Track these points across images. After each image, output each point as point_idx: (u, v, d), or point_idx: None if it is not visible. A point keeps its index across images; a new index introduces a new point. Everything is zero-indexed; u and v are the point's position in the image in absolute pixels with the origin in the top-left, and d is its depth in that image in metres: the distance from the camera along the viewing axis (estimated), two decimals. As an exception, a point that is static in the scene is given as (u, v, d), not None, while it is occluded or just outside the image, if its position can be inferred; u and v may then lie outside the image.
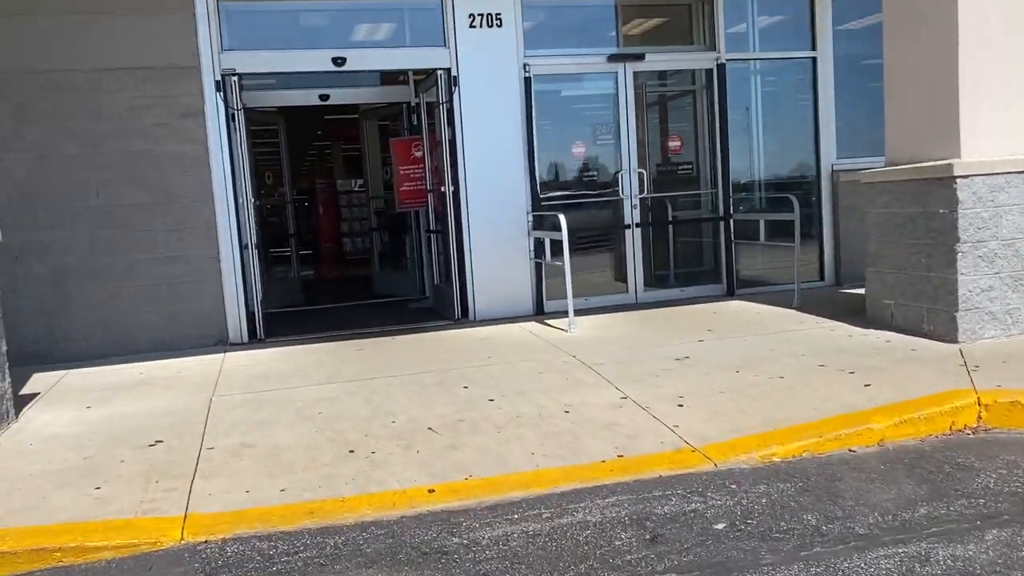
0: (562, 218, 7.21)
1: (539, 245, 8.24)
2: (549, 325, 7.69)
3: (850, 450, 4.37)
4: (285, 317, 9.32)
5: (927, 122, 6.17)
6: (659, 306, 8.36)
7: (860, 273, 8.93)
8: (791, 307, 7.72)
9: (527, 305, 8.33)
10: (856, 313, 7.14)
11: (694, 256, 9.21)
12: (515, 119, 8.16)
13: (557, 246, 7.53)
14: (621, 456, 4.29)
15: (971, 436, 4.51)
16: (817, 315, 7.29)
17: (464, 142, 8.05)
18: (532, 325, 7.76)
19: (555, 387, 5.47)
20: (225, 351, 7.36)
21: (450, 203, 8.15)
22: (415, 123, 10.31)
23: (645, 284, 8.65)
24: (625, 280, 8.63)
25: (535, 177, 8.24)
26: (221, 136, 7.55)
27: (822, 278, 9.11)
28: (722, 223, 8.77)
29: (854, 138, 9.10)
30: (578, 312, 8.11)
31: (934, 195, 5.92)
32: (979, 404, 4.62)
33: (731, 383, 5.32)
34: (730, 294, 8.74)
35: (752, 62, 8.99)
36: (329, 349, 7.20)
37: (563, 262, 7.28)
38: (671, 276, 9.05)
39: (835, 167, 8.96)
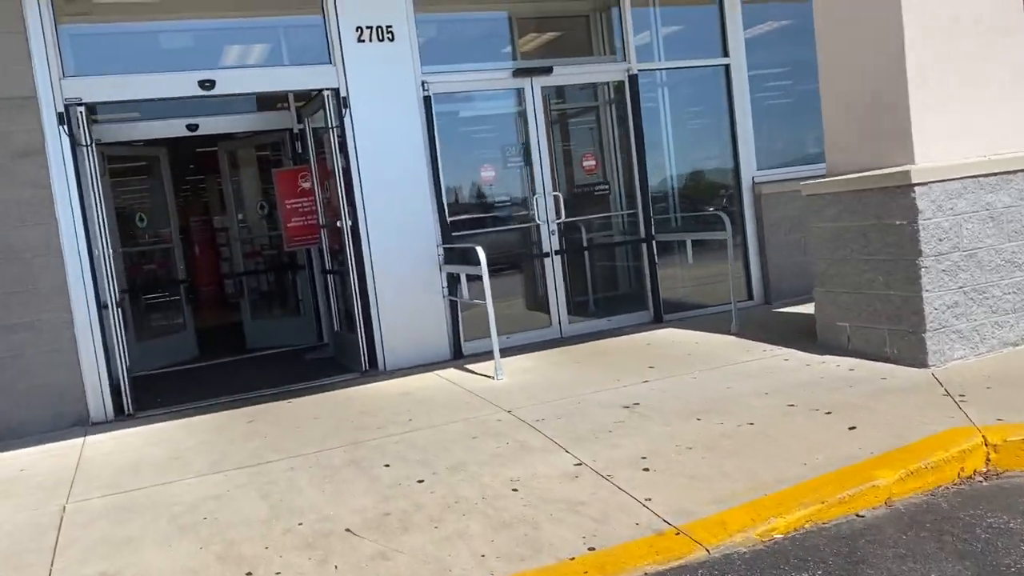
0: (479, 250, 6.37)
1: (452, 281, 7.37)
2: (472, 371, 6.81)
3: (858, 515, 3.69)
4: (160, 381, 8.08)
5: (872, 126, 5.67)
6: (586, 339, 7.62)
7: (790, 290, 8.52)
8: (730, 332, 7.13)
9: (443, 349, 7.43)
10: (803, 336, 6.59)
11: (618, 282, 8.55)
12: (416, 142, 7.29)
13: (473, 280, 6.69)
14: (592, 549, 3.46)
15: (985, 484, 3.91)
16: (762, 341, 6.70)
17: (360, 170, 7.11)
18: (453, 373, 6.86)
19: (495, 456, 4.60)
20: (86, 434, 6.12)
21: (348, 239, 7.18)
22: (299, 151, 9.31)
23: (569, 316, 7.90)
24: (548, 313, 7.85)
25: (443, 205, 7.37)
26: (68, 178, 6.35)
27: (750, 297, 8.60)
28: (644, 245, 8.13)
29: (774, 148, 8.69)
30: (501, 353, 7.29)
31: (890, 205, 5.40)
32: (986, 445, 4.04)
33: (697, 435, 4.59)
34: (658, 321, 8.10)
35: (663, 72, 8.44)
36: (213, 423, 6.08)
37: (484, 299, 6.43)
38: (595, 305, 8.35)
39: (756, 179, 8.49)
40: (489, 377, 6.50)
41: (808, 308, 7.90)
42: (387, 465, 4.65)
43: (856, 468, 3.93)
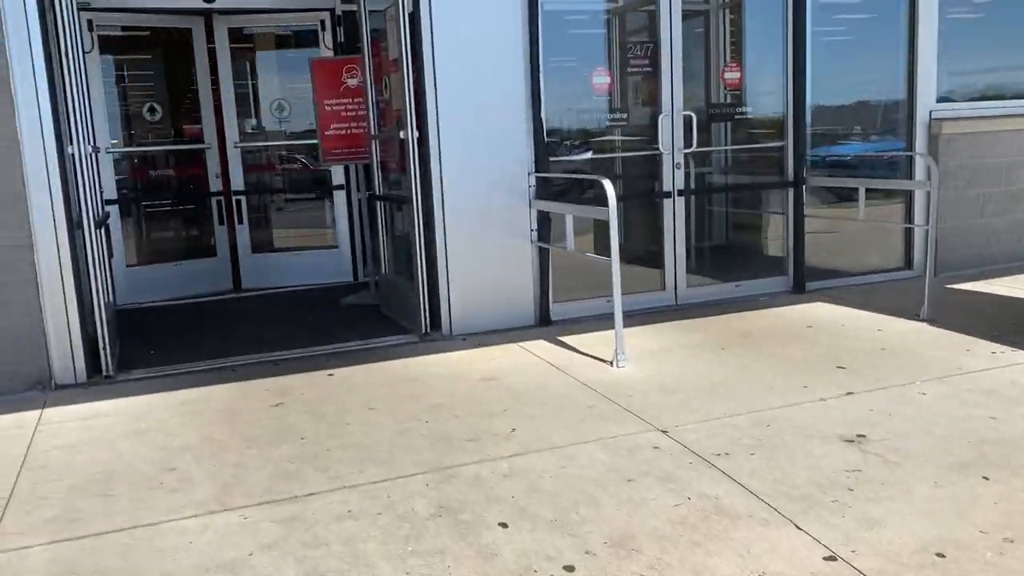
0: (607, 184, 4.51)
1: (545, 221, 5.53)
2: (572, 348, 5.02)
3: None
4: (159, 320, 6.31)
5: None
6: (709, 310, 5.81)
7: (959, 260, 6.67)
8: (918, 317, 5.31)
9: (527, 312, 5.63)
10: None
11: (750, 237, 6.70)
12: (512, 34, 5.34)
13: (580, 226, 4.88)
14: None
15: None
16: (972, 334, 4.90)
17: (436, 65, 5.19)
18: (546, 348, 5.07)
19: (680, 523, 2.84)
20: (44, 405, 4.38)
21: (412, 156, 5.30)
22: (341, 39, 7.36)
23: (688, 278, 6.07)
24: (662, 271, 6.02)
25: (540, 120, 5.46)
26: (32, 47, 4.46)
27: (908, 266, 6.75)
28: (791, 191, 6.24)
29: (959, 76, 6.72)
30: (595, 320, 5.50)
31: None
32: None
33: (1007, 512, 2.82)
34: (799, 290, 6.26)
35: (827, -36, 6.41)
36: (224, 404, 4.32)
37: (611, 255, 4.59)
38: (718, 265, 6.50)
39: (935, 114, 6.55)
40: (604, 362, 4.71)
41: (995, 286, 6.10)
42: (503, 525, 2.89)
43: None
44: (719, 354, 4.79)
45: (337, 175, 7.63)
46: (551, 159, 5.58)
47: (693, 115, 5.79)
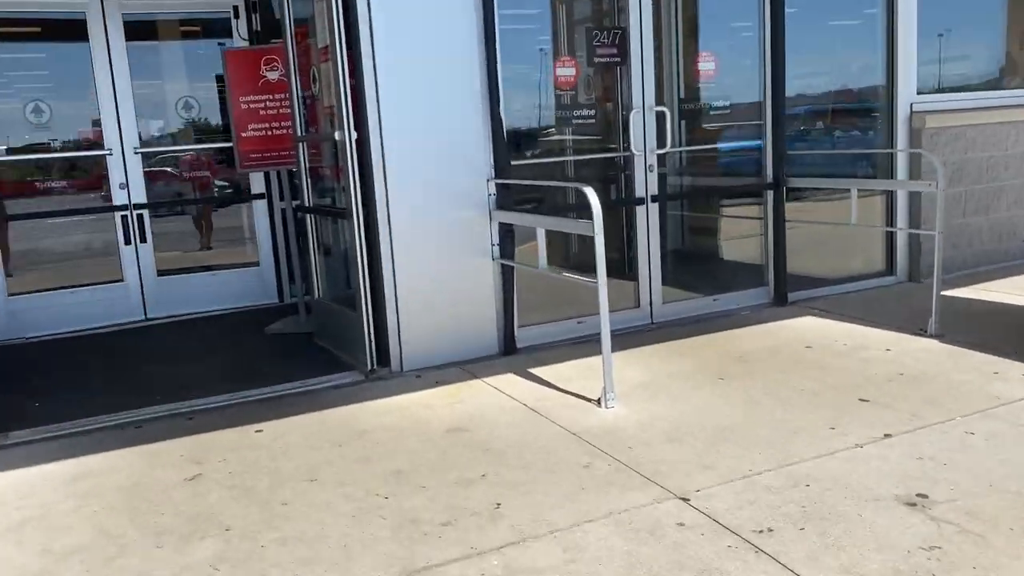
0: (590, 193, 3.80)
1: (507, 236, 4.79)
2: (545, 383, 4.30)
3: None
4: (46, 362, 5.31)
5: None
6: (690, 329, 5.17)
7: (949, 262, 6.22)
8: (924, 332, 4.79)
9: (490, 339, 4.88)
10: (1063, 350, 4.30)
11: (726, 245, 6.11)
12: (466, 16, 4.59)
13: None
14: None
15: None
16: (992, 353, 4.38)
17: (377, 53, 4.39)
18: (513, 383, 4.33)
19: (747, 654, 2.15)
20: None
21: (350, 162, 4.48)
22: (256, 28, 6.50)
23: (664, 292, 5.42)
24: (635, 286, 5.35)
25: (500, 118, 4.72)
26: None
27: (890, 271, 6.26)
28: (771, 194, 5.65)
29: (940, 67, 6.28)
30: (567, 346, 4.81)
31: None
32: None
33: None
34: (781, 301, 5.69)
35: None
36: (125, 476, 3.44)
37: (597, 276, 3.88)
38: (695, 277, 5.87)
39: (915, 107, 6.07)
40: (588, 400, 4.00)
41: (991, 292, 5.66)
42: (511, 664, 2.15)
43: None
44: (718, 386, 4.14)
45: (256, 182, 6.72)
46: (513, 165, 4.84)
47: (667, 111, 5.13)
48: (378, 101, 4.43)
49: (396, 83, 4.45)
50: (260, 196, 6.75)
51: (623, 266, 5.41)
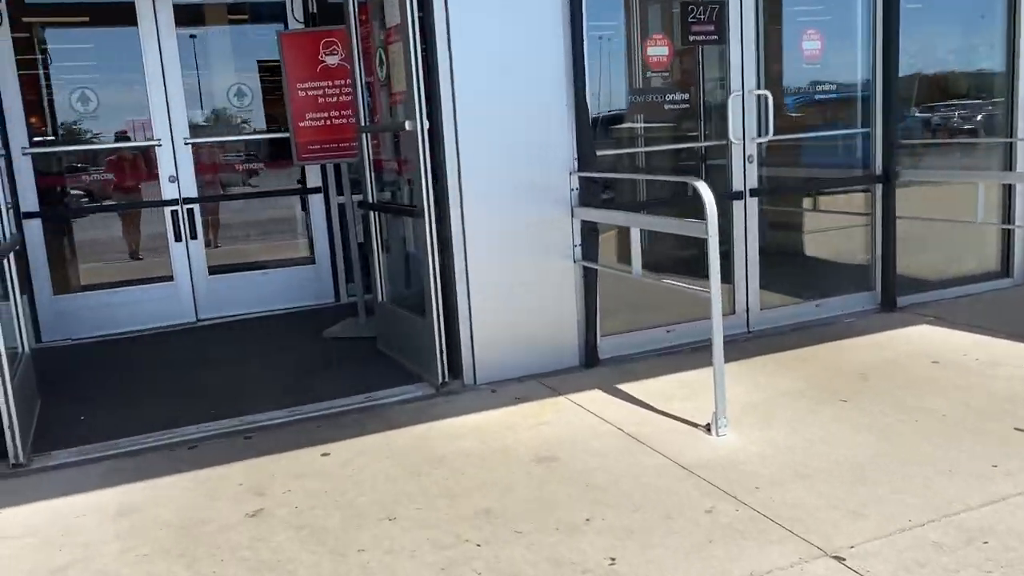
0: (703, 188, 3.31)
1: (590, 236, 4.32)
2: (639, 402, 3.82)
3: None
4: (92, 367, 4.97)
5: None
6: (792, 338, 4.65)
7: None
8: (1068, 348, 4.21)
9: (570, 350, 4.41)
10: None
11: (827, 245, 5.56)
12: (548, -9, 4.13)
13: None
14: None
15: None
16: None
17: (453, 31, 3.94)
18: (602, 401, 3.86)
19: None
20: (-83, 523, 3.07)
21: (422, 153, 4.03)
22: (312, 10, 6.11)
23: (762, 297, 4.90)
24: (731, 288, 4.84)
25: (586, 103, 4.24)
26: None
27: (1007, 273, 5.65)
28: (879, 188, 5.09)
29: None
30: (654, 359, 4.34)
31: None
32: None
33: None
34: (889, 306, 5.13)
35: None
36: (175, 511, 3.04)
37: (710, 287, 3.39)
38: (795, 280, 5.32)
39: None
40: (694, 426, 3.52)
41: None
42: None
43: None
44: (841, 409, 3.62)
45: (313, 175, 6.33)
46: (599, 156, 4.36)
47: (769, 95, 4.60)
48: (453, 86, 3.98)
49: (473, 66, 4.00)
50: (316, 190, 6.36)
51: (725, 269, 4.88)
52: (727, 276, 4.82)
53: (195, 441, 3.71)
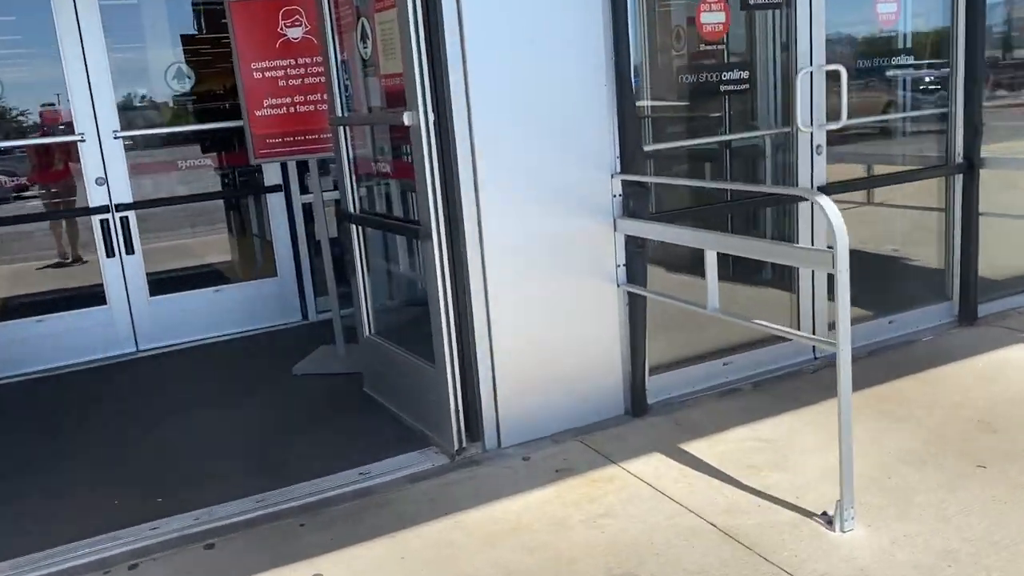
0: (827, 204, 2.43)
1: (637, 255, 3.42)
2: (718, 474, 2.95)
3: None
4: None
5: None
6: (870, 366, 3.83)
7: None
8: None
9: (613, 394, 3.53)
10: None
11: (900, 248, 4.73)
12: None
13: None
14: None
15: None
16: None
17: (463, 3, 2.99)
18: (672, 474, 2.98)
19: None
20: None
21: (427, 154, 3.07)
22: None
23: (830, 316, 4.07)
24: (794, 308, 4.00)
25: (630, 90, 3.32)
26: None
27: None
28: (960, 179, 4.28)
29: None
30: (714, 400, 3.50)
31: None
32: None
33: None
34: (969, 318, 4.35)
35: None
36: None
37: (838, 324, 2.51)
38: (860, 291, 4.49)
39: None
40: (803, 513, 2.66)
41: None
42: None
43: None
44: (988, 482, 2.79)
45: (272, 172, 5.31)
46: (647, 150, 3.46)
47: (843, 70, 3.72)
48: (465, 66, 3.03)
49: (490, 39, 3.05)
50: (275, 188, 5.35)
51: (786, 283, 4.03)
52: (788, 286, 3.99)
53: (137, 553, 2.75)
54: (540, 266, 3.31)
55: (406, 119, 3.05)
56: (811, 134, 3.80)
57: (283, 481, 3.17)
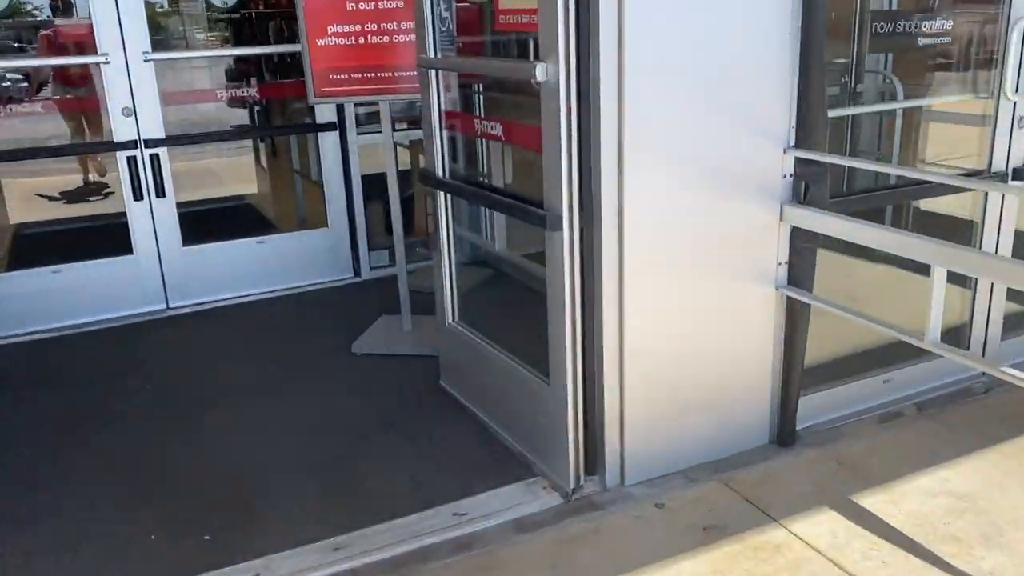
0: None
1: (807, 251, 2.72)
2: (914, 547, 2.32)
3: None
4: None
5: None
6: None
7: None
8: None
9: (756, 420, 2.89)
10: None
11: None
12: None
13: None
14: None
15: None
16: None
17: (625, -98, 2.22)
18: (848, 544, 2.34)
19: None
20: None
21: (564, 120, 2.34)
22: None
23: (1004, 327, 3.39)
24: (968, 322, 3.31)
25: (819, 40, 2.56)
26: None
27: None
28: None
29: None
30: (866, 422, 2.89)
31: None
32: None
33: None
34: None
35: None
36: None
37: None
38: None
39: None
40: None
41: None
42: None
43: None
44: None
45: (326, 108, 4.57)
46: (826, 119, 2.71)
47: (1070, 23, 2.93)
48: (621, 6, 2.28)
49: (656, -31, 2.30)
50: (329, 127, 4.62)
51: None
52: (960, 279, 3.29)
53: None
54: (683, 263, 2.62)
55: (538, 72, 2.32)
56: (1014, 104, 3.05)
57: (357, 513, 2.57)
